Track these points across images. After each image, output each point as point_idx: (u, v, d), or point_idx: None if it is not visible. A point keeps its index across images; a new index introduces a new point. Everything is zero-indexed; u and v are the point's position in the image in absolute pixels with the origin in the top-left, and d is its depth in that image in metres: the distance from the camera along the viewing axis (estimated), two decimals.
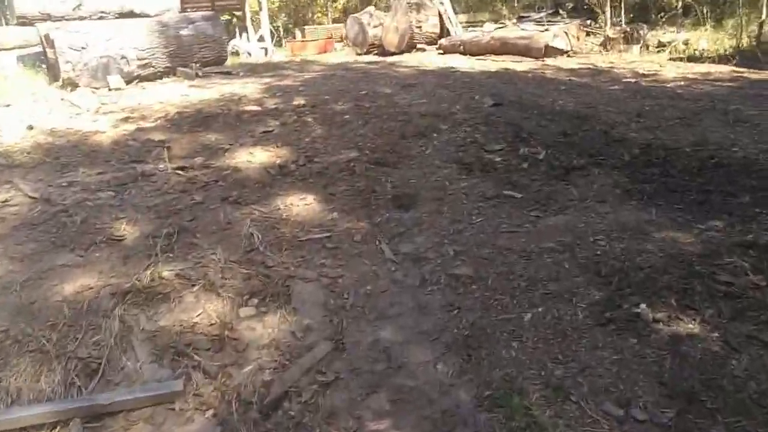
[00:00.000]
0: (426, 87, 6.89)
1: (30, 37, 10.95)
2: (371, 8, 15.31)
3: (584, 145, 4.41)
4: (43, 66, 9.44)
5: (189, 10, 26.33)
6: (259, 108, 5.88)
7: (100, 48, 8.06)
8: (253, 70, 9.30)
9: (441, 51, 11.95)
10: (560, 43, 10.01)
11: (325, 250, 3.00)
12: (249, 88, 7.18)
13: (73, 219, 3.32)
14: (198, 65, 9.08)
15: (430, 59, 10.70)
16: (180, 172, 4.06)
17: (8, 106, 7.27)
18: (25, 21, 10.08)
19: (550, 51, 9.80)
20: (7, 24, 13.33)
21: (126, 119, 5.69)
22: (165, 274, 2.75)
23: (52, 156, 4.52)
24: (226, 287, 2.67)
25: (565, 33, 10.26)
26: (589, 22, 12.71)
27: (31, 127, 5.30)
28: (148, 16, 11.05)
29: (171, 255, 2.96)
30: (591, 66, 8.90)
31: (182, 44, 8.88)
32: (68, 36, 7.88)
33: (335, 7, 31.22)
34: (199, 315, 2.51)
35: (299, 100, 6.22)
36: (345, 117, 5.29)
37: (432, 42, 13.13)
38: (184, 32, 8.89)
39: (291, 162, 4.16)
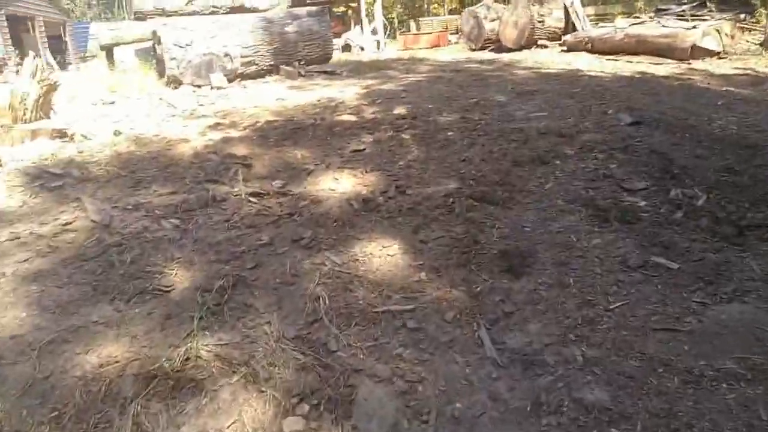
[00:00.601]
0: (547, 95, 5.95)
1: (147, 31, 11.20)
2: (489, 0, 14.30)
3: (760, 189, 3.34)
4: (154, 61, 9.52)
5: (305, 2, 26.72)
6: (354, 118, 5.29)
7: (204, 45, 7.87)
8: (357, 69, 8.78)
9: (565, 48, 10.77)
10: (710, 43, 8.51)
11: (405, 332, 2.29)
12: (348, 92, 6.64)
13: (124, 257, 2.87)
14: (302, 63, 8.71)
15: (552, 58, 9.60)
16: (253, 199, 3.53)
17: (113, 103, 7.26)
18: (140, 16, 10.28)
19: (697, 52, 8.37)
20: (126, 18, 13.96)
21: (215, 126, 5.33)
22: (203, 352, 2.18)
23: (128, 169, 4.19)
24: (272, 381, 2.05)
25: (717, 31, 8.72)
26: (743, 16, 10.88)
27: (118, 133, 5.07)
28: (257, 10, 10.91)
29: (219, 318, 2.40)
30: (750, 72, 7.42)
31: (287, 42, 8.53)
32: (174, 33, 7.76)
33: None
34: (232, 424, 1.91)
35: (400, 109, 5.55)
36: (448, 134, 4.54)
37: (555, 38, 11.94)
38: (289, 29, 8.53)
39: (379, 193, 3.49)
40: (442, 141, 4.35)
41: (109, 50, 11.61)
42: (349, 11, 28.85)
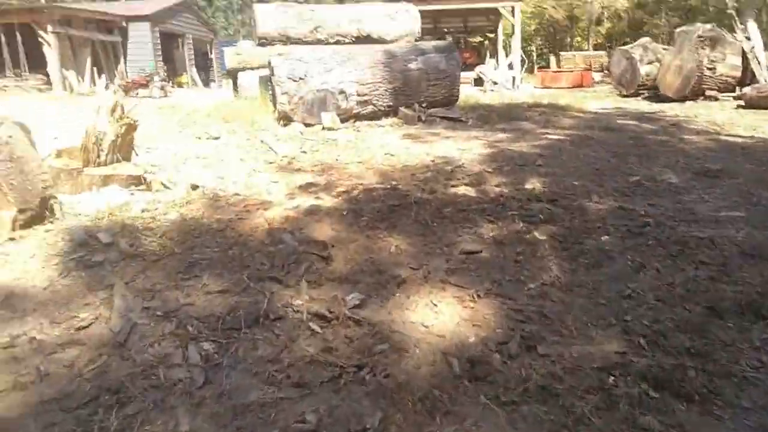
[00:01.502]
0: (737, 179, 4.45)
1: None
2: (646, 39, 12.53)
3: None
4: (270, 92, 9.06)
5: (444, 28, 25.98)
6: (473, 192, 4.17)
7: (320, 80, 7.16)
8: (485, 117, 7.65)
9: (742, 103, 8.87)
10: None
11: None
12: (471, 149, 5.55)
13: (109, 422, 1.97)
14: (423, 105, 7.75)
15: (729, 118, 7.83)
16: (316, 326, 2.52)
17: (216, 138, 6.74)
18: (264, 41, 9.94)
19: None
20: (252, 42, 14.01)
21: (307, 187, 4.45)
22: None
23: (187, 244, 3.39)
24: None
25: None
26: None
27: (195, 187, 4.36)
28: (384, 41, 10.18)
29: None
30: None
31: (409, 80, 7.62)
32: (289, 64, 7.13)
33: (598, 32, 28.15)
34: None
35: (533, 183, 4.35)
36: (602, 238, 3.27)
37: (727, 89, 10.00)
38: (412, 65, 7.61)
39: (495, 346, 2.33)
40: (594, 252, 3.08)
41: (234, 74, 11.46)
42: (486, 42, 27.83)
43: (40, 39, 18.51)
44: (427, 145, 5.97)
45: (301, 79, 7.20)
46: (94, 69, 21.01)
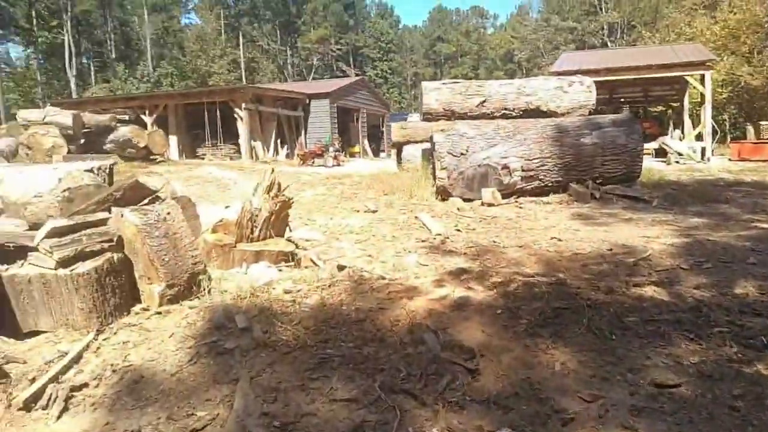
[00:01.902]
0: None
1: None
2: None
3: None
4: (430, 166, 8.91)
5: (620, 98, 24.52)
6: (664, 297, 3.36)
7: (482, 155, 6.78)
8: (674, 197, 6.63)
9: None
10: None
11: None
12: (659, 238, 4.69)
13: None
14: (598, 181, 6.97)
15: None
16: None
17: (374, 212, 6.62)
18: (429, 117, 9.91)
19: None
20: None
21: (458, 274, 3.98)
22: None
23: (321, 336, 3.08)
24: None
25: None
26: None
27: (341, 268, 4.12)
28: (555, 114, 9.60)
29: None
30: None
31: (581, 155, 6.92)
32: (450, 140, 6.88)
33: None
34: None
35: (746, 288, 3.43)
36: None
37: None
38: (586, 140, 6.93)
39: None
40: None
41: (399, 146, 11.61)
42: (669, 111, 25.65)
43: (234, 115, 20.91)
44: (602, 228, 5.20)
45: (462, 154, 6.89)
46: (278, 140, 23.12)
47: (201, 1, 68.55)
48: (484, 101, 9.66)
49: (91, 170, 4.53)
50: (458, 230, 5.43)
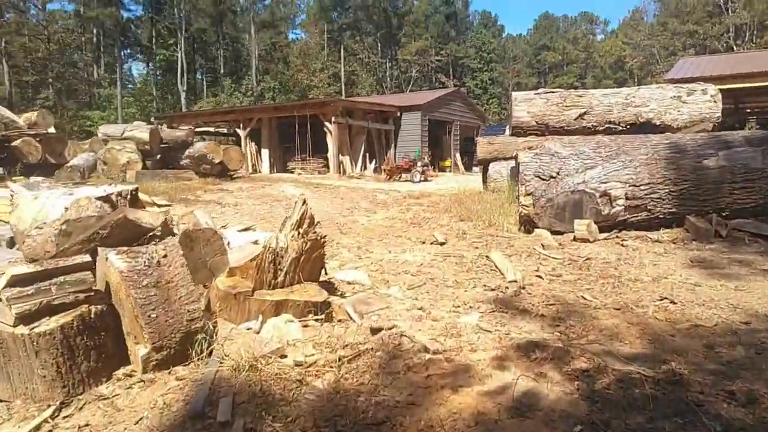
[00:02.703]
0: None
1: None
2: None
3: None
4: (517, 189, 7.82)
5: (747, 109, 21.58)
6: None
7: (575, 179, 5.65)
8: None
9: None
10: None
11: None
12: None
13: None
14: (724, 215, 5.59)
15: None
16: None
17: (442, 244, 5.70)
18: (519, 131, 8.80)
19: None
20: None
21: (527, 350, 2.97)
22: None
23: (334, 428, 2.23)
24: None
25: None
26: None
27: (375, 331, 3.24)
28: (670, 129, 8.15)
29: None
30: None
31: (704, 180, 5.58)
32: (537, 160, 5.81)
33: None
34: None
35: None
36: None
37: None
38: (710, 162, 5.58)
39: None
40: None
41: (486, 163, 10.57)
42: None
43: (324, 129, 20.71)
44: (731, 284, 3.93)
45: (552, 177, 5.79)
46: (367, 154, 22.68)
47: (307, 16, 70.85)
48: (585, 113, 8.41)
49: (107, 197, 4.01)
50: (539, 276, 4.37)
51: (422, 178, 19.80)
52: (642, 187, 5.61)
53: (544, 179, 5.84)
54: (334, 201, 9.78)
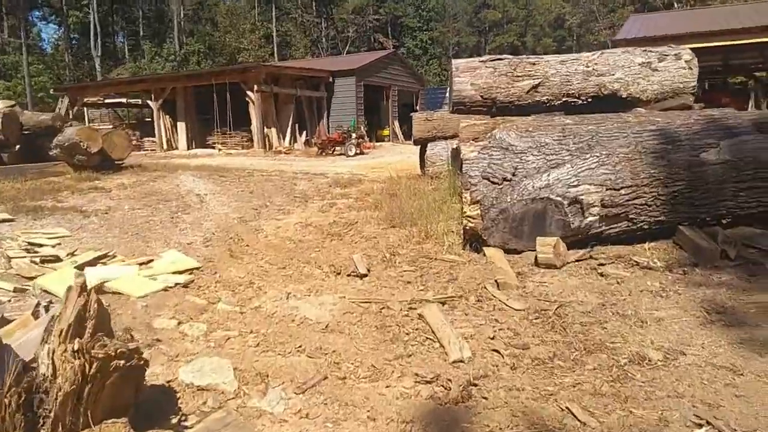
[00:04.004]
0: None
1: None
2: None
3: None
4: (458, 182, 6.38)
5: (737, 62, 20.56)
6: None
7: (536, 182, 4.20)
8: None
9: None
10: None
11: None
12: None
13: None
14: (727, 223, 4.30)
15: None
16: None
17: (363, 276, 4.20)
18: (461, 107, 7.29)
19: None
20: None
21: None
22: None
23: None
24: None
25: None
26: None
27: None
28: (639, 103, 6.84)
29: None
30: None
31: (701, 179, 4.24)
32: (486, 157, 4.33)
33: None
34: None
35: None
36: None
37: None
38: (709, 155, 4.23)
39: None
40: None
41: (423, 143, 9.05)
42: (750, 82, 21.82)
43: (246, 98, 18.59)
44: (758, 345, 2.60)
45: (505, 180, 4.32)
46: (296, 125, 20.73)
47: None
48: (539, 85, 6.97)
49: None
50: (496, 351, 2.91)
51: (357, 151, 18.15)
52: (623, 191, 4.22)
53: (495, 182, 4.37)
54: (241, 196, 8.04)
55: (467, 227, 4.52)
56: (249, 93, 18.33)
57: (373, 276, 4.22)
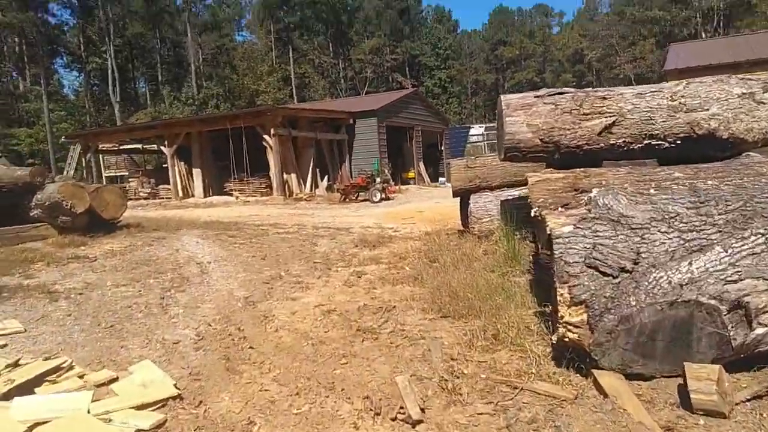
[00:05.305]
0: None
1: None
2: None
3: None
4: (516, 235, 5.02)
5: None
6: None
7: (673, 274, 2.76)
8: None
9: None
10: None
11: None
12: None
13: None
14: None
15: None
16: None
17: (414, 424, 2.75)
18: (515, 153, 5.95)
19: None
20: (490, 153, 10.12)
21: None
22: None
23: None
24: None
25: None
26: None
27: None
28: (743, 143, 5.45)
29: None
30: None
31: None
32: (589, 232, 2.92)
33: None
34: None
35: None
36: None
37: None
38: None
39: None
40: None
41: (463, 195, 7.72)
42: None
43: (264, 143, 17.55)
44: None
45: (624, 271, 2.92)
46: (317, 170, 19.60)
47: (252, 16, 67.07)
48: (613, 124, 5.59)
49: None
50: None
51: (383, 197, 16.88)
52: None
53: (608, 274, 2.95)
54: (251, 263, 6.71)
55: (565, 338, 3.09)
56: (266, 137, 17.30)
57: (432, 422, 2.80)
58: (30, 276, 5.90)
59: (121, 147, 24.94)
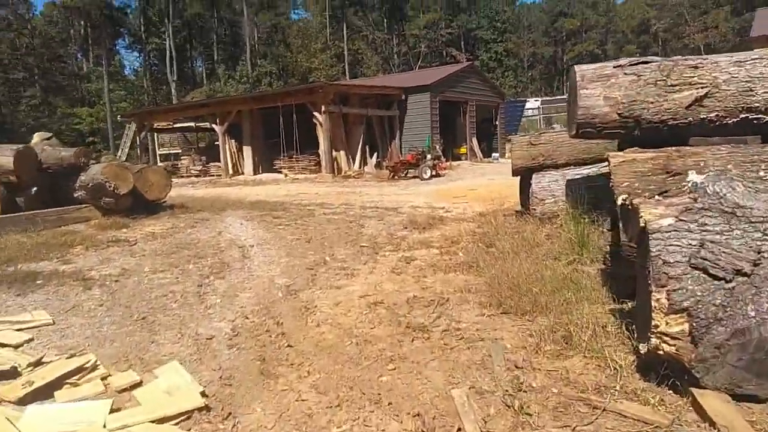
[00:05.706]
0: None
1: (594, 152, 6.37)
2: None
3: None
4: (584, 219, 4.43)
5: None
6: None
7: None
8: None
9: None
10: None
11: None
12: None
13: None
14: None
15: None
16: None
17: None
18: (589, 129, 5.28)
19: None
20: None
21: None
22: None
23: None
24: None
25: None
26: None
27: None
28: None
29: None
30: None
31: None
32: (694, 226, 2.31)
33: None
34: None
35: None
36: None
37: None
38: None
39: None
40: None
41: (525, 174, 7.10)
42: None
43: (314, 120, 17.23)
44: None
45: (739, 273, 2.33)
46: (367, 147, 19.17)
47: None
48: (705, 96, 4.86)
49: None
50: None
51: (433, 173, 16.30)
52: None
53: (719, 277, 2.37)
54: (295, 247, 6.36)
55: (659, 350, 2.54)
56: (316, 114, 16.98)
57: None
58: (67, 261, 5.74)
59: (174, 125, 25.25)
